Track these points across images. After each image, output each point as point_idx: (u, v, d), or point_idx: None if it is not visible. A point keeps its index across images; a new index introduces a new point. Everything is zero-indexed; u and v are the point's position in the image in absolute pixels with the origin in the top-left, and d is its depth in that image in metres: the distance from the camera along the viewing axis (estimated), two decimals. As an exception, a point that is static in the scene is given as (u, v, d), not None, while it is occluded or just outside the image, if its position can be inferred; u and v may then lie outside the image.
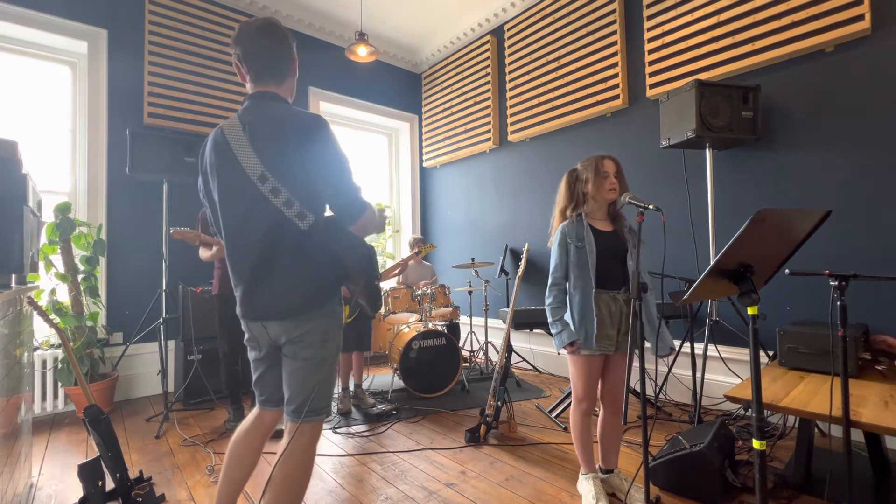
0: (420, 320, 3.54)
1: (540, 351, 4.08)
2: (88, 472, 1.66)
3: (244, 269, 1.29)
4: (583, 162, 1.87)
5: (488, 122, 4.52)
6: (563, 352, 1.80)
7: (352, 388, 3.22)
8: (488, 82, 4.52)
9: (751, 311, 1.20)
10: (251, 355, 1.43)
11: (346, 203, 1.27)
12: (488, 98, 4.52)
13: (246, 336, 1.41)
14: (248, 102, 1.33)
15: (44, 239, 2.92)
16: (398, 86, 5.30)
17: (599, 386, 1.87)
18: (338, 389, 3.19)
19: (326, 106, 4.77)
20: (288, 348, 1.30)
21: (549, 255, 1.88)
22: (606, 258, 1.78)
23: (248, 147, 1.24)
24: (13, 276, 1.56)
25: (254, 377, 1.44)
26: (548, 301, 1.86)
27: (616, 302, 1.78)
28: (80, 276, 3.09)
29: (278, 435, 2.45)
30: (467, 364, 4.09)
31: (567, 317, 1.81)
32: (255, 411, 1.47)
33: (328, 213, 1.35)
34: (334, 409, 3.08)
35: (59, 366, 2.95)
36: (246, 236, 1.27)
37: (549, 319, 1.84)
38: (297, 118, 1.26)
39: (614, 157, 1.85)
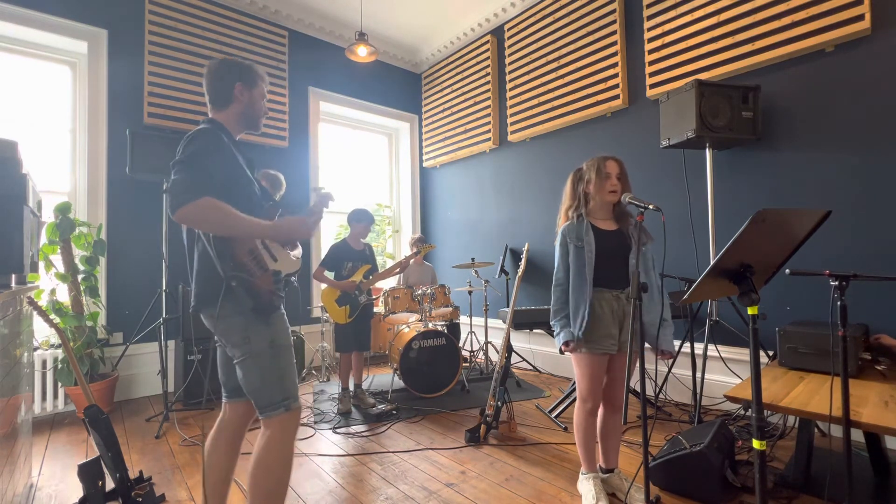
0: (420, 320, 3.54)
1: (540, 351, 4.08)
2: (88, 472, 1.66)
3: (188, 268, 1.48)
4: (587, 162, 1.87)
5: (488, 122, 4.52)
6: (569, 352, 1.81)
7: (352, 388, 3.22)
8: (488, 82, 4.52)
9: (751, 311, 1.20)
10: None
11: (169, 198, 1.30)
12: (488, 98, 4.52)
13: None
14: None
15: (44, 239, 2.92)
16: (398, 86, 5.30)
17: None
18: (338, 389, 3.19)
19: (326, 106, 4.77)
20: (227, 350, 1.42)
21: (549, 255, 1.89)
22: (609, 257, 1.78)
23: None
24: (13, 276, 1.56)
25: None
26: (551, 302, 1.87)
27: (619, 301, 1.78)
28: (80, 276, 3.09)
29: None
30: (467, 364, 4.09)
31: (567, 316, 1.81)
32: (221, 413, 1.55)
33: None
34: (334, 409, 3.09)
35: (59, 366, 2.95)
36: (184, 241, 1.49)
37: (551, 321, 1.85)
38: (183, 140, 1.38)
39: (618, 158, 1.84)
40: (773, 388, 1.74)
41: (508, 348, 2.63)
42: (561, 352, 1.81)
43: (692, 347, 2.54)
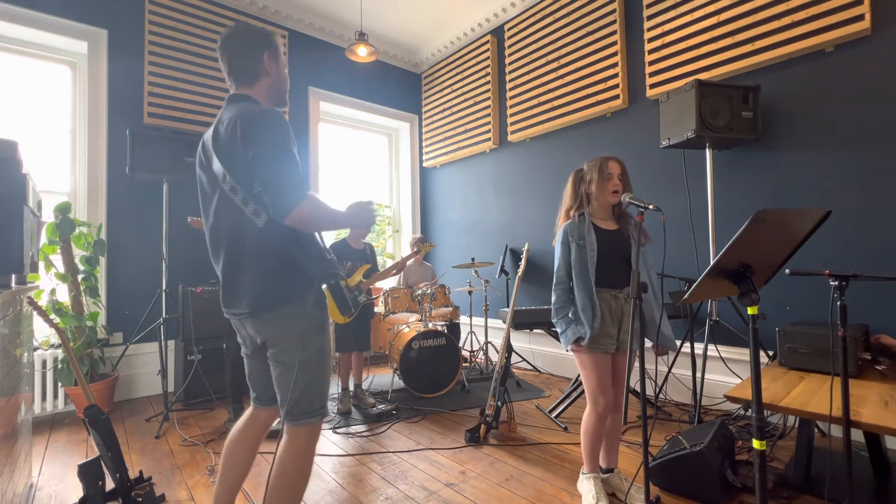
0: (420, 320, 3.54)
1: (540, 351, 4.08)
2: (88, 472, 1.66)
3: (219, 265, 1.33)
4: (589, 162, 1.87)
5: (488, 122, 4.52)
6: (571, 351, 1.81)
7: (352, 388, 3.22)
8: (488, 82, 4.52)
9: (751, 311, 1.20)
10: (242, 351, 1.48)
11: (271, 196, 1.18)
12: (488, 98, 4.52)
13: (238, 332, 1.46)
14: (224, 104, 1.36)
15: (44, 239, 2.92)
16: (398, 86, 5.30)
17: None
18: (338, 389, 3.19)
19: (326, 106, 4.77)
20: (269, 352, 1.33)
21: (549, 254, 1.89)
22: (609, 257, 1.78)
23: (213, 147, 1.29)
24: (13, 276, 1.56)
25: (246, 373, 1.49)
26: (552, 301, 1.87)
27: (617, 301, 1.78)
28: (80, 276, 3.09)
29: (275, 435, 2.47)
30: (467, 364, 4.09)
31: (571, 315, 1.81)
32: (248, 411, 1.51)
33: None
34: (334, 409, 3.08)
35: (59, 366, 2.95)
36: (217, 234, 1.31)
37: (553, 319, 1.85)
38: (245, 115, 1.23)
39: (620, 158, 1.85)
40: (773, 388, 1.74)
41: (508, 348, 2.63)
42: (567, 350, 1.82)
43: (692, 347, 2.54)
